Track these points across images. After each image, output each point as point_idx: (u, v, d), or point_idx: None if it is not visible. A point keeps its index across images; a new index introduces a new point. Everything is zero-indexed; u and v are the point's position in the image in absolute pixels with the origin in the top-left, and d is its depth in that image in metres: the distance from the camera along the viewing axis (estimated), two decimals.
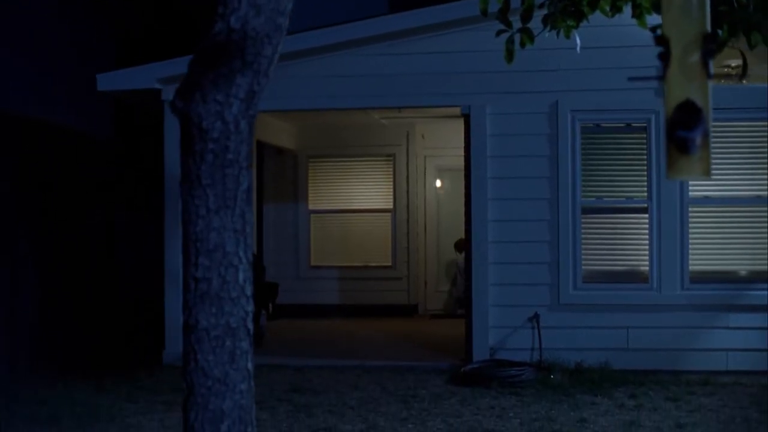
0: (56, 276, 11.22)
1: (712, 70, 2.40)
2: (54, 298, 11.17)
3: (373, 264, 15.39)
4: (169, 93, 10.88)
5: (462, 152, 10.88)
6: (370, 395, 9.22)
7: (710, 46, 2.33)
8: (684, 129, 2.35)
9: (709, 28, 2.39)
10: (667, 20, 2.40)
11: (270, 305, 13.68)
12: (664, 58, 2.38)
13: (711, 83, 2.40)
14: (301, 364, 10.84)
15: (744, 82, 10.22)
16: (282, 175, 15.59)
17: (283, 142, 15.01)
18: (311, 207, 15.56)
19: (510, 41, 4.95)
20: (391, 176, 15.47)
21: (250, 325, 3.31)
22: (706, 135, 2.40)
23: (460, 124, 12.83)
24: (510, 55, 4.93)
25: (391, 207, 15.46)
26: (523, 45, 4.99)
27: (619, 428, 7.77)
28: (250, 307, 3.31)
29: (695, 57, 2.37)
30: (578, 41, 6.13)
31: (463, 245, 15.10)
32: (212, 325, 3.23)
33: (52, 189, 11.22)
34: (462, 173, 15.16)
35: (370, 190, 15.50)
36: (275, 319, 14.12)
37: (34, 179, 10.91)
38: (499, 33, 5.25)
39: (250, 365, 3.32)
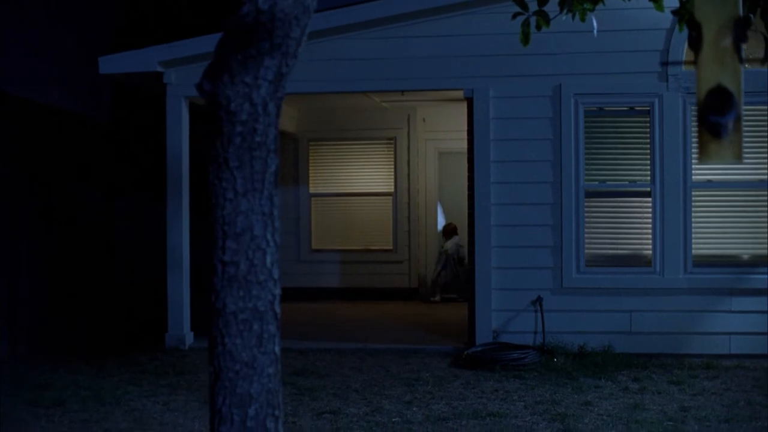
0: (56, 260, 11.20)
1: (744, 54, 2.38)
2: (54, 282, 11.15)
3: (374, 247, 15.39)
4: (170, 76, 10.87)
5: (463, 135, 10.87)
6: (373, 378, 9.24)
7: (742, 31, 2.32)
8: (716, 114, 2.34)
9: (741, 12, 2.37)
10: (699, 4, 2.38)
11: None
12: (696, 42, 2.36)
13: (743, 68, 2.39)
14: (303, 347, 10.85)
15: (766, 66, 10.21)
16: (283, 159, 15.55)
17: (284, 126, 14.97)
18: (312, 190, 15.55)
19: (526, 24, 4.92)
20: (392, 160, 15.46)
21: (278, 309, 3.30)
22: (737, 119, 2.39)
23: (461, 108, 12.80)
24: (526, 38, 4.92)
25: (392, 190, 15.45)
26: (539, 28, 4.97)
27: (624, 411, 7.79)
28: (278, 291, 3.30)
29: (727, 41, 2.35)
30: (595, 24, 6.11)
31: (452, 231, 15.04)
32: (240, 308, 3.21)
33: (50, 172, 11.19)
34: (463, 156, 15.17)
35: (371, 174, 15.49)
36: None
37: (32, 162, 10.88)
38: (515, 15, 5.22)
39: (277, 349, 3.31)
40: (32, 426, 7.37)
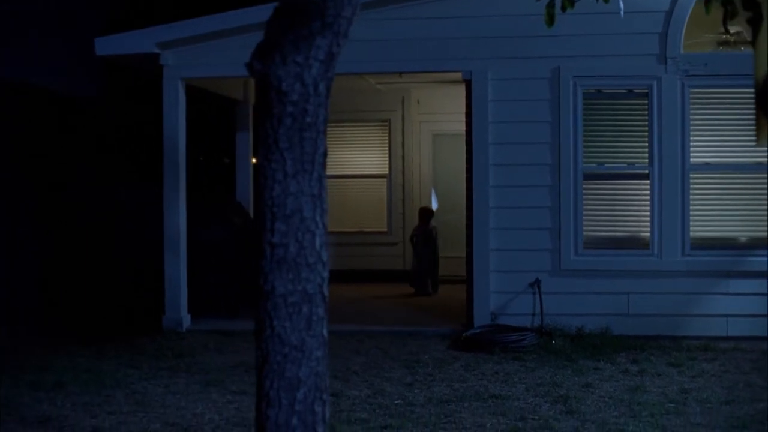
0: (54, 243, 11.16)
1: None
2: (51, 266, 11.12)
3: (369, 230, 15.38)
4: (167, 57, 10.80)
5: (458, 117, 10.86)
6: (373, 360, 9.24)
7: None
8: None
9: None
10: None
11: None
12: (755, 22, 2.33)
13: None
14: None
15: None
16: None
17: None
18: None
19: (551, 5, 4.90)
20: (387, 142, 15.42)
21: (326, 292, 3.27)
22: None
23: (455, 90, 12.76)
24: (551, 19, 4.89)
25: (387, 172, 15.43)
26: (564, 9, 4.95)
27: (625, 393, 7.82)
28: (326, 273, 3.27)
29: None
30: (621, 6, 6.08)
31: (429, 214, 14.22)
32: (289, 291, 3.18)
33: (47, 155, 11.14)
34: (457, 138, 15.11)
35: (365, 156, 15.46)
36: None
37: (29, 144, 10.82)
38: None
39: (325, 332, 3.29)
40: (34, 409, 7.35)
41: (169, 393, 7.95)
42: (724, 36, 10.48)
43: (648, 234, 10.29)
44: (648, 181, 10.28)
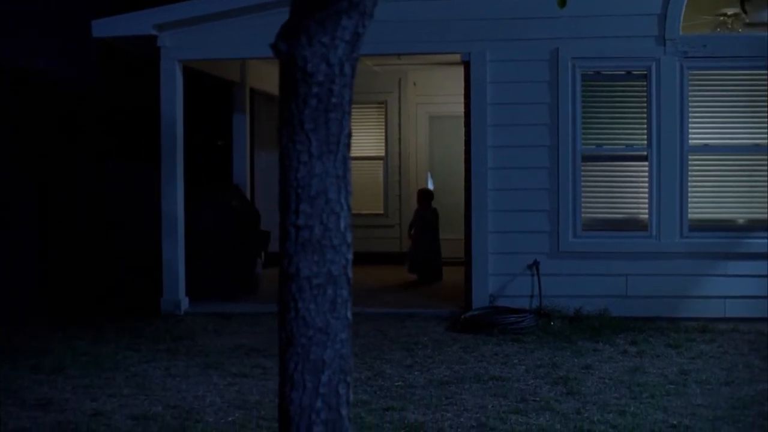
0: (51, 227, 11.13)
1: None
2: (49, 250, 11.09)
3: (365, 212, 15.35)
4: (164, 39, 10.75)
5: (454, 99, 10.83)
6: (372, 342, 9.24)
7: None
8: None
9: None
10: None
11: (262, 253, 13.65)
12: None
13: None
14: None
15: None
16: (273, 122, 15.46)
17: (274, 89, 14.83)
18: None
19: None
20: (383, 124, 15.40)
21: (350, 273, 3.26)
22: None
23: (452, 71, 12.73)
24: (563, 1, 4.85)
25: (383, 154, 15.41)
26: None
27: (625, 374, 7.83)
28: (350, 255, 3.26)
29: None
30: None
31: (429, 196, 13.64)
32: (314, 273, 3.16)
33: (44, 138, 11.09)
34: (453, 120, 15.08)
35: (361, 138, 15.42)
36: (266, 267, 14.10)
37: (25, 128, 10.78)
38: None
39: (349, 314, 3.27)
40: (35, 392, 7.34)
41: (169, 376, 7.95)
42: (722, 18, 10.48)
43: (646, 216, 10.30)
44: (646, 163, 10.28)
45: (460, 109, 10.80)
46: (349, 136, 3.26)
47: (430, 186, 15.51)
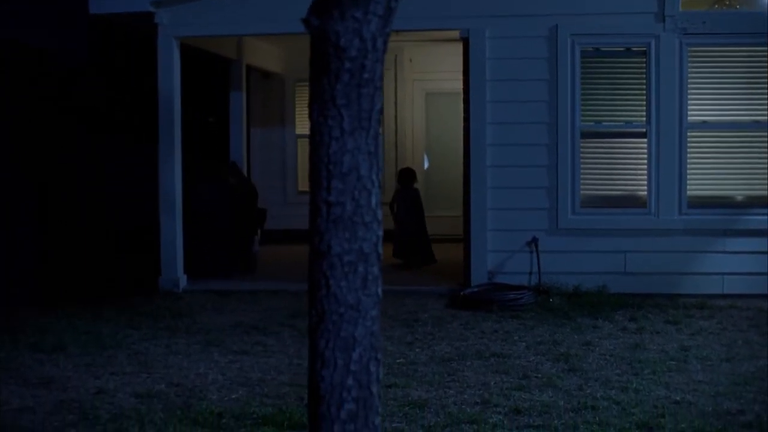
0: (49, 205, 11.10)
1: None
2: (47, 228, 11.06)
3: None
4: (162, 16, 10.68)
5: (450, 76, 10.80)
6: None
7: None
8: None
9: None
10: None
11: (259, 231, 13.64)
12: None
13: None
14: (297, 288, 10.78)
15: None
16: (269, 100, 15.44)
17: (270, 66, 14.82)
18: (299, 132, 15.45)
19: None
20: None
21: (380, 250, 3.25)
22: None
23: (448, 48, 12.68)
24: None
25: (379, 131, 15.35)
26: None
27: (626, 351, 7.86)
28: (381, 232, 3.24)
29: None
30: None
31: (410, 176, 12.86)
32: (345, 250, 3.15)
33: (40, 115, 11.04)
34: (450, 97, 15.04)
35: None
36: (262, 244, 14.10)
37: (21, 105, 10.72)
38: None
39: (380, 290, 3.27)
40: (36, 371, 7.34)
41: (170, 353, 7.95)
42: None
43: (645, 193, 10.30)
44: (645, 140, 10.27)
45: (457, 86, 10.76)
46: (381, 112, 3.24)
47: (426, 162, 15.50)
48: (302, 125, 15.43)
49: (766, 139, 10.18)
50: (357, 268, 3.16)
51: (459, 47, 10.78)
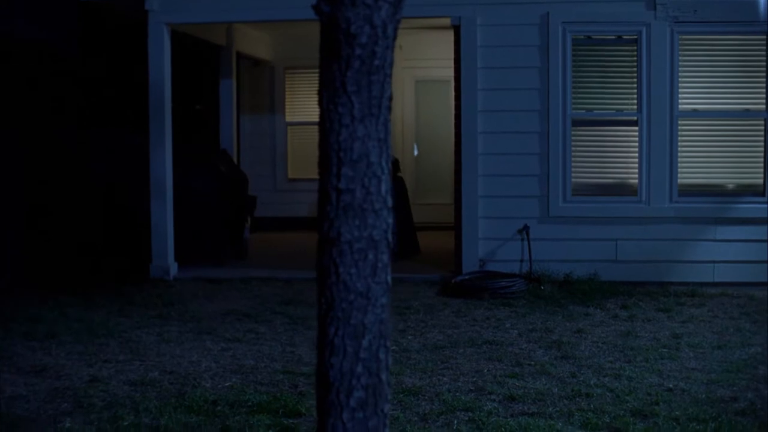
0: (37, 193, 11.05)
1: None
2: (36, 216, 11.02)
3: None
4: (152, 2, 10.62)
5: (440, 63, 10.78)
6: None
7: None
8: None
9: None
10: None
11: (248, 218, 13.62)
12: None
13: None
14: (289, 276, 10.84)
15: None
16: (259, 87, 15.39)
17: (259, 53, 14.78)
18: (288, 119, 15.43)
19: None
20: None
21: (390, 238, 3.25)
22: None
23: (439, 36, 12.68)
24: None
25: None
26: None
27: (618, 338, 7.88)
28: (391, 219, 3.24)
29: None
30: None
31: (394, 165, 13.50)
32: (355, 237, 3.14)
33: (28, 102, 10.98)
34: (440, 84, 15.06)
35: None
36: (252, 232, 14.09)
37: (7, 92, 10.66)
38: None
39: (389, 278, 3.27)
40: (29, 359, 7.32)
41: (162, 341, 7.93)
42: None
43: (636, 181, 10.33)
44: (636, 128, 10.29)
45: (447, 73, 10.76)
46: (391, 98, 3.23)
47: (416, 149, 15.49)
48: (292, 113, 15.41)
49: (756, 127, 10.21)
50: (367, 256, 3.15)
51: (449, 35, 10.77)
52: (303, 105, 15.38)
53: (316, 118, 11.89)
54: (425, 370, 6.93)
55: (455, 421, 5.71)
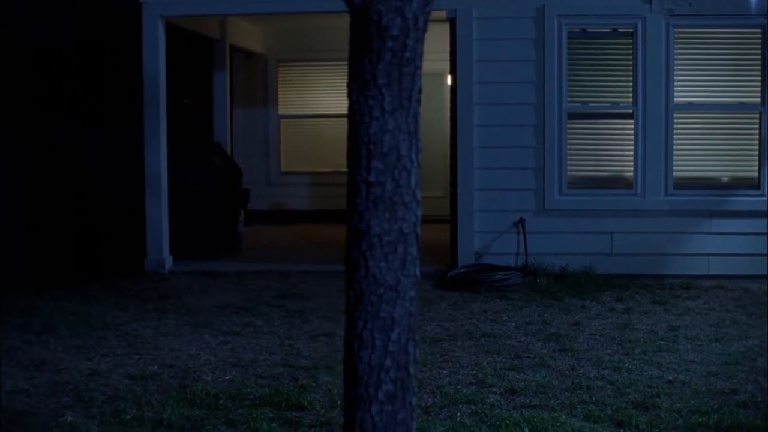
0: (33, 187, 11.01)
1: None
2: (31, 210, 10.97)
3: (344, 170, 15.18)
4: None
5: (433, 56, 10.65)
6: None
7: None
8: None
9: None
10: None
11: (242, 212, 13.62)
12: None
13: None
14: (284, 269, 10.82)
15: None
16: (252, 80, 15.35)
17: (253, 46, 14.74)
18: (281, 112, 15.39)
19: None
20: None
21: (419, 231, 3.24)
22: None
23: (432, 29, 12.59)
24: None
25: None
26: None
27: (615, 331, 7.91)
28: (420, 212, 3.23)
29: None
30: None
31: None
32: (385, 230, 3.13)
33: (23, 98, 10.93)
34: (432, 77, 15.02)
35: (340, 95, 15.29)
36: (246, 225, 14.08)
37: (3, 88, 10.61)
38: None
39: (418, 272, 3.26)
40: (27, 353, 7.29)
41: (160, 335, 7.92)
42: None
43: (631, 173, 10.35)
44: (632, 121, 10.31)
45: (440, 66, 10.74)
46: (420, 91, 3.22)
47: None
48: (286, 105, 15.38)
49: (752, 120, 10.24)
50: (396, 249, 3.14)
51: (443, 27, 10.75)
52: (296, 98, 15.36)
53: (309, 111, 11.92)
54: (425, 363, 6.93)
55: (458, 414, 5.72)
